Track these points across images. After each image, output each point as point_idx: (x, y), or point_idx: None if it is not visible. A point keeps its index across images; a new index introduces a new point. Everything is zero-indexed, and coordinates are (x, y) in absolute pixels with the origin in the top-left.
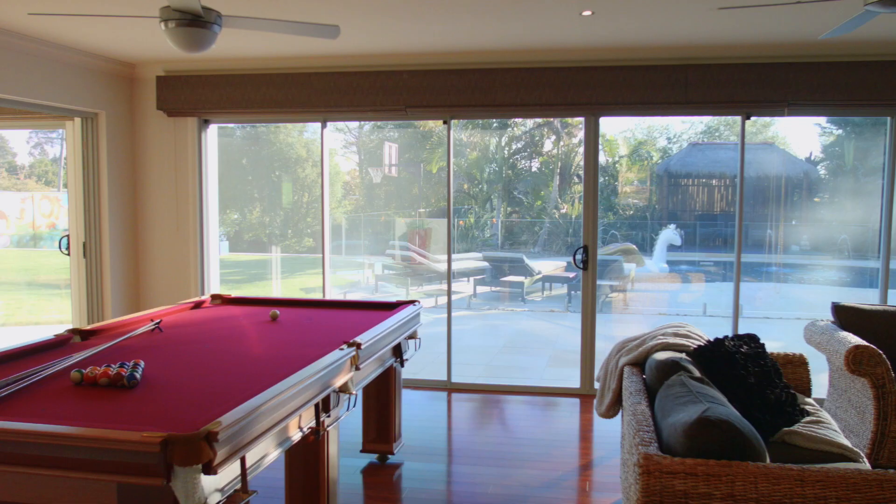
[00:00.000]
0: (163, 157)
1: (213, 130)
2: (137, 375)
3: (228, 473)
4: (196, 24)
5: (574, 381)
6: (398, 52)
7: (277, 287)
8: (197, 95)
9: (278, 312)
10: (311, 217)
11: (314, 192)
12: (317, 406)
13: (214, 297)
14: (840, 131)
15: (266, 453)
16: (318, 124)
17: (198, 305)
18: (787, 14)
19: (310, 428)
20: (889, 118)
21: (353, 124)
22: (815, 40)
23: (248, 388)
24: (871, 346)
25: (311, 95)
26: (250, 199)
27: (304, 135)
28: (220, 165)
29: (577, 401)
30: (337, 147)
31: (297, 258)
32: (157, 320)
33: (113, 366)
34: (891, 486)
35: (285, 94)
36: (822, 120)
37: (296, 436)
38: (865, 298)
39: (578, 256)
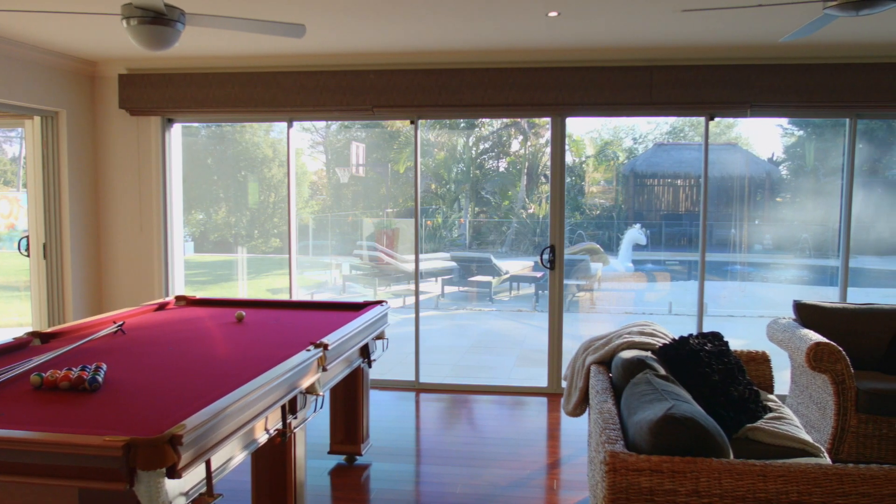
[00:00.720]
0: (125, 156)
1: (177, 130)
2: (99, 379)
3: (193, 477)
4: (159, 22)
5: (542, 381)
6: (365, 51)
7: (243, 288)
8: (160, 94)
9: (244, 314)
10: (278, 217)
11: (281, 192)
12: (283, 408)
13: (179, 298)
14: (801, 132)
15: (232, 456)
16: (284, 124)
17: (162, 307)
18: (749, 17)
19: (276, 430)
20: (847, 119)
21: (320, 124)
22: (776, 43)
23: (214, 391)
24: (832, 343)
25: (277, 95)
26: (216, 199)
27: (270, 134)
28: (185, 165)
29: (544, 400)
30: (304, 147)
31: (263, 259)
32: (120, 322)
33: (74, 369)
34: (850, 480)
35: (250, 93)
36: (784, 121)
37: (262, 438)
38: (826, 296)
39: (545, 256)
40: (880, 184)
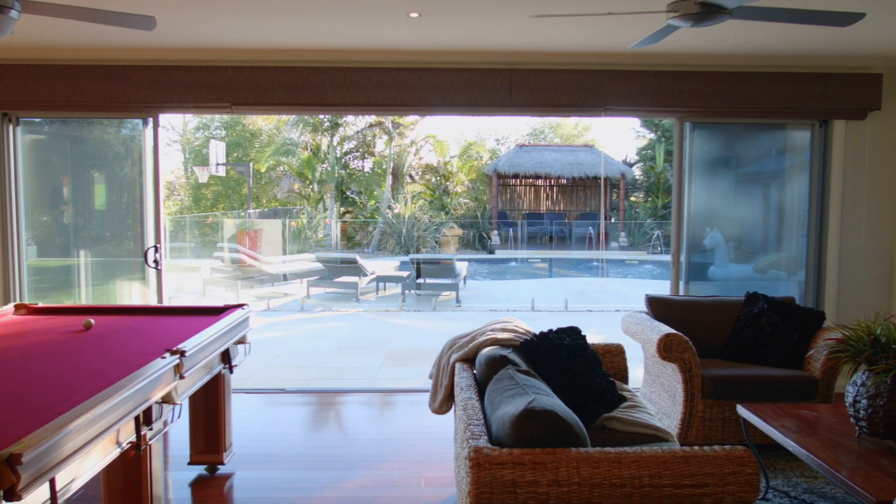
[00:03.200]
0: None
1: (16, 126)
2: None
3: (35, 498)
4: None
5: (409, 380)
6: (223, 47)
7: (93, 294)
8: None
9: (93, 321)
10: (132, 219)
11: (134, 192)
12: (137, 419)
13: (18, 307)
14: (652, 135)
15: (80, 473)
16: (138, 121)
17: None
18: (600, 25)
19: (130, 442)
20: (688, 123)
21: (177, 122)
22: (626, 50)
23: (58, 405)
24: (680, 333)
25: (128, 90)
26: (62, 200)
27: (122, 132)
28: (27, 164)
29: (413, 398)
30: (159, 145)
31: (115, 262)
32: None
33: None
34: (696, 462)
35: (99, 88)
36: (637, 124)
37: (114, 452)
38: (677, 290)
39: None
40: (722, 183)
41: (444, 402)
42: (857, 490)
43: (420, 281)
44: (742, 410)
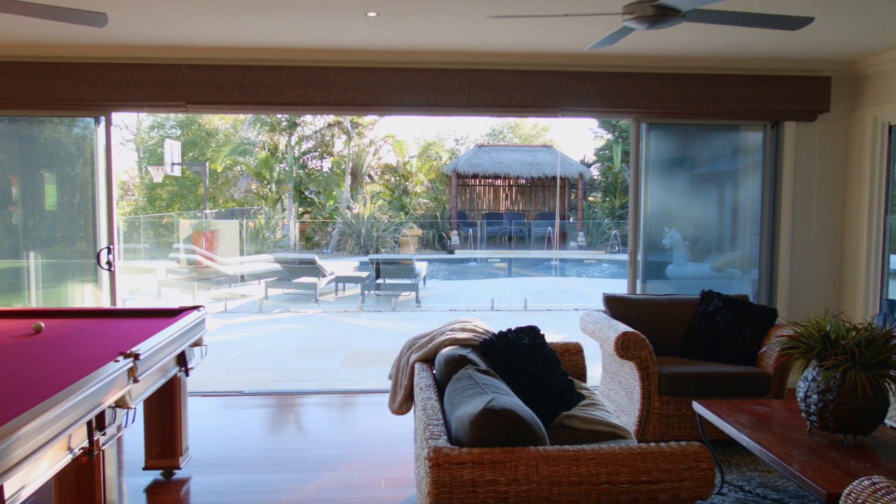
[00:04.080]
0: None
1: None
2: None
3: None
4: None
5: (370, 381)
6: (178, 44)
7: (44, 296)
8: None
9: (43, 324)
10: (84, 219)
11: (87, 192)
12: (89, 424)
13: None
14: (609, 136)
15: (30, 480)
16: (90, 120)
17: None
18: (556, 26)
19: (82, 448)
20: (644, 123)
21: (131, 121)
22: (583, 52)
23: (6, 410)
24: (637, 332)
25: (79, 88)
26: (11, 200)
27: (73, 130)
28: None
29: (373, 399)
30: (112, 144)
31: (67, 264)
32: None
33: None
34: (652, 458)
35: (47, 85)
36: (595, 125)
37: (65, 458)
38: (634, 289)
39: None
40: (678, 183)
41: (403, 402)
42: (809, 483)
43: (379, 281)
44: (697, 407)
